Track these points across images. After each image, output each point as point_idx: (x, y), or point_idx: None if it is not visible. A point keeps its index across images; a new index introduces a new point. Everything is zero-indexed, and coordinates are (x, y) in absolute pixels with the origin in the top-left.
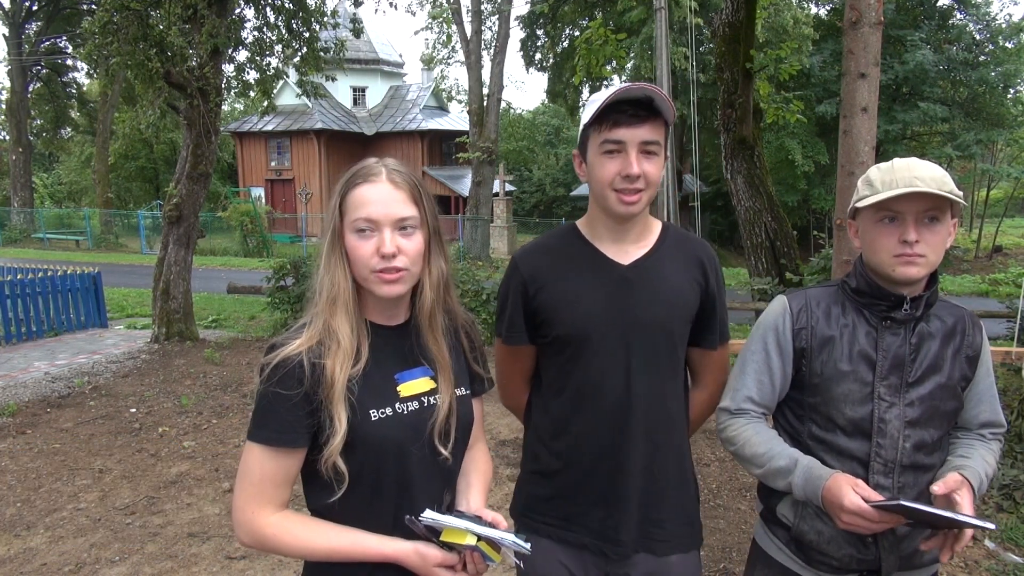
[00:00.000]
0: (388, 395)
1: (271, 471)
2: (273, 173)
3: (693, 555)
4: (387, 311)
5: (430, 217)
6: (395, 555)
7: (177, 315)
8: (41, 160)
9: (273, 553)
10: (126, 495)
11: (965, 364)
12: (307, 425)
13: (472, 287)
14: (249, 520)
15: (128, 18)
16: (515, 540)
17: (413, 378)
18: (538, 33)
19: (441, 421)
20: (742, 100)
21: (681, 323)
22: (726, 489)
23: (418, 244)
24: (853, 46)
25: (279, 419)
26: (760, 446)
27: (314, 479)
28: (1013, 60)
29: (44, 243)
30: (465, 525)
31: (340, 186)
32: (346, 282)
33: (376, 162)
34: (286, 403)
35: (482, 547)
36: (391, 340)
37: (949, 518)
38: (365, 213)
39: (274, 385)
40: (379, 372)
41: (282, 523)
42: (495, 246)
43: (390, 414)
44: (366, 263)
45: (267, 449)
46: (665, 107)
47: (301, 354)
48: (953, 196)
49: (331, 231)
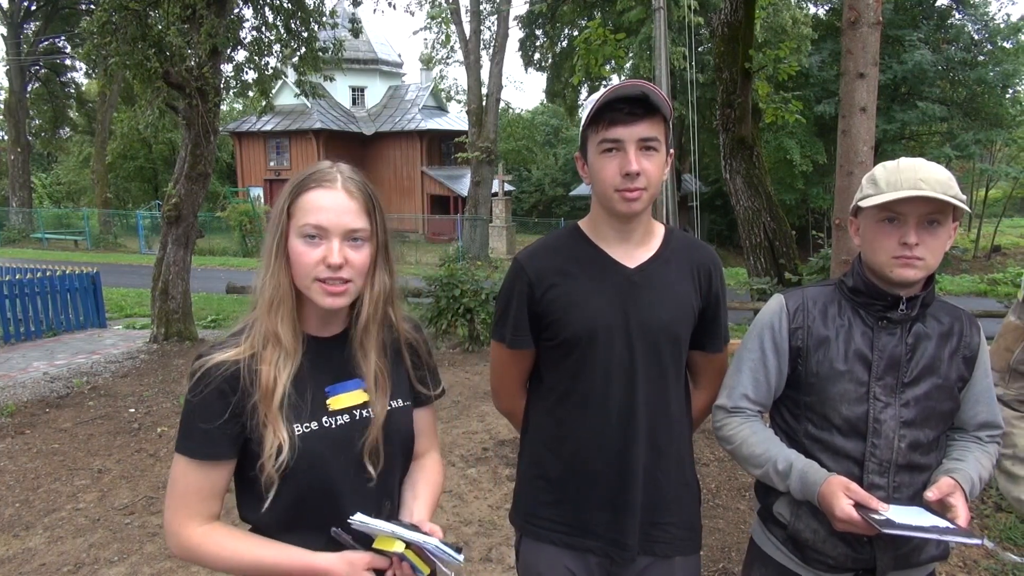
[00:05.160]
0: (315, 409)
1: (196, 484)
2: (272, 173)
3: (694, 558)
4: (323, 321)
5: (380, 230)
6: (323, 567)
7: (176, 315)
8: (40, 160)
9: (201, 565)
10: (125, 495)
11: (962, 365)
12: (234, 437)
13: (471, 287)
14: (176, 532)
15: (127, 18)
16: (443, 547)
17: (346, 391)
18: (537, 33)
19: (373, 435)
20: (741, 100)
21: (685, 328)
22: (725, 489)
23: (365, 257)
24: (852, 46)
25: (204, 431)
26: (757, 446)
27: (245, 489)
28: (1011, 60)
29: (43, 243)
30: (391, 530)
31: (291, 186)
32: (290, 287)
33: (331, 166)
34: (212, 415)
35: (409, 556)
36: (324, 352)
37: (936, 540)
38: (315, 219)
39: (200, 395)
40: (308, 385)
41: (209, 535)
42: (494, 246)
43: (315, 428)
44: (310, 271)
45: (191, 462)
46: (661, 102)
47: (236, 363)
48: (957, 201)
49: (277, 232)
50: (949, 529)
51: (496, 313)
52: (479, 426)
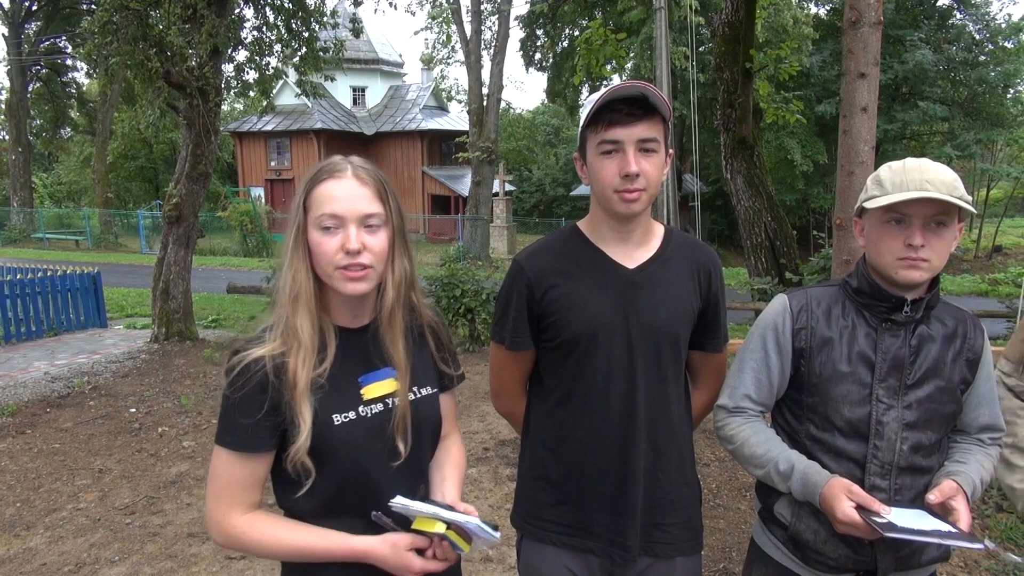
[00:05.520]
0: (352, 399)
1: (238, 475)
2: (273, 173)
3: (695, 558)
4: (352, 312)
5: (395, 215)
6: (366, 549)
7: (177, 315)
8: (40, 160)
9: (245, 552)
10: (126, 495)
11: (965, 367)
12: (272, 428)
13: (472, 287)
14: (220, 521)
15: (128, 18)
16: (483, 526)
17: (378, 379)
18: (538, 33)
19: (400, 423)
20: (742, 100)
21: (685, 328)
22: (726, 489)
23: (383, 242)
24: (853, 46)
25: (244, 425)
26: (759, 447)
27: (282, 477)
28: (1012, 60)
29: (44, 243)
30: (433, 511)
31: (305, 182)
32: (308, 279)
33: (342, 159)
34: (251, 408)
35: (451, 536)
36: (356, 342)
37: (937, 543)
38: (330, 209)
39: (239, 390)
40: (343, 375)
41: (252, 523)
42: (495, 246)
43: (353, 418)
44: (330, 259)
45: (233, 454)
46: (660, 103)
47: (270, 358)
48: (963, 203)
49: (295, 228)
50: (951, 533)
51: (496, 314)
52: (480, 426)
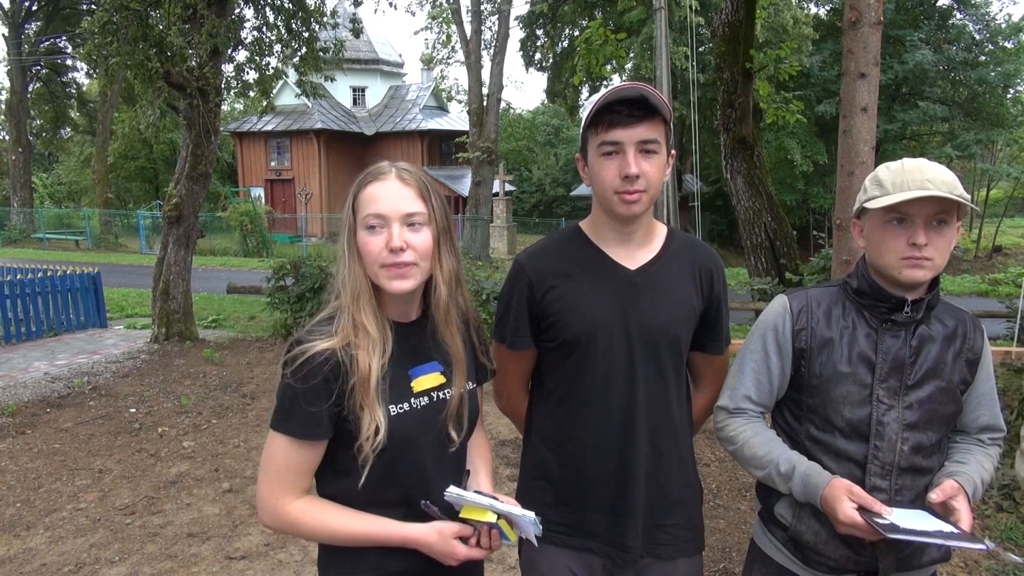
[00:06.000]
0: (404, 391)
1: (295, 461)
2: (273, 173)
3: (697, 559)
4: (401, 308)
5: (439, 214)
6: (415, 536)
7: (177, 315)
8: (41, 160)
9: (295, 535)
10: (126, 495)
11: (965, 368)
12: (333, 418)
13: (472, 287)
14: (274, 506)
15: (128, 18)
16: (534, 519)
17: (424, 373)
18: (538, 33)
19: (453, 414)
20: (742, 100)
21: (686, 329)
22: (726, 489)
23: (426, 240)
24: (853, 46)
25: (305, 412)
26: (759, 448)
27: (329, 466)
28: (1012, 60)
29: (44, 243)
30: (488, 502)
31: (353, 186)
32: (364, 278)
33: (387, 164)
34: (314, 398)
35: (501, 525)
36: (405, 337)
37: (938, 544)
38: (374, 209)
39: (302, 380)
40: (396, 368)
41: (305, 508)
42: (495, 246)
43: (407, 409)
44: (376, 258)
45: (292, 440)
46: (660, 104)
47: (335, 350)
48: (963, 200)
49: (347, 230)
50: (953, 534)
51: (497, 314)
52: None
